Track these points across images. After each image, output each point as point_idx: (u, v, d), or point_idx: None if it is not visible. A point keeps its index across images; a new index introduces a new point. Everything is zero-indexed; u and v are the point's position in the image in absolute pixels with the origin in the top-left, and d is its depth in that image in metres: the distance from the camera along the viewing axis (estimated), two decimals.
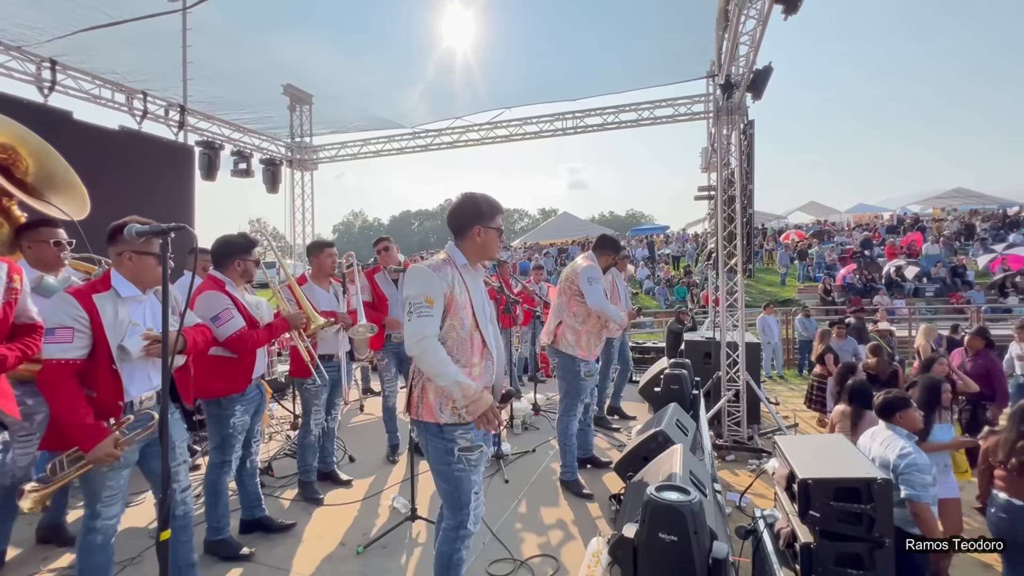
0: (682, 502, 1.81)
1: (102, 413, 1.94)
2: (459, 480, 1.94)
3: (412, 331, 1.83)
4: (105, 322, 1.92)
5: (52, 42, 5.15)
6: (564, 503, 3.40)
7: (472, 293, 1.98)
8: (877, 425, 3.06)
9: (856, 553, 2.44)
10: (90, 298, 1.93)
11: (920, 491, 2.63)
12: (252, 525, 2.98)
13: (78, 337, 1.88)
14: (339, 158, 8.71)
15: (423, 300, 1.84)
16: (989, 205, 23.40)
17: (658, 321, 14.44)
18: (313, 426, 3.41)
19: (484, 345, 2.00)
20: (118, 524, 2.08)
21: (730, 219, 5.48)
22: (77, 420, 1.84)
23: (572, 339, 3.52)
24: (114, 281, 2.01)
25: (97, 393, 1.93)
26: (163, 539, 1.43)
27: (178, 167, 6.53)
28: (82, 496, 2.05)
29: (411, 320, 1.84)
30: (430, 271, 1.90)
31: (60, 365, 1.85)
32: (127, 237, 1.54)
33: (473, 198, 2.02)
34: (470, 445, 1.93)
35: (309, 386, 3.35)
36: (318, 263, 3.52)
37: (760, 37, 4.61)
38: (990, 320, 11.92)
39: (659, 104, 7.10)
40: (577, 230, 26.79)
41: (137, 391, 2.06)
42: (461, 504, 1.96)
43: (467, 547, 2.01)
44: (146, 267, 2.04)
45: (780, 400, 7.58)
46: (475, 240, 1.99)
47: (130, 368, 2.01)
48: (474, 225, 1.98)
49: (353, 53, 6.18)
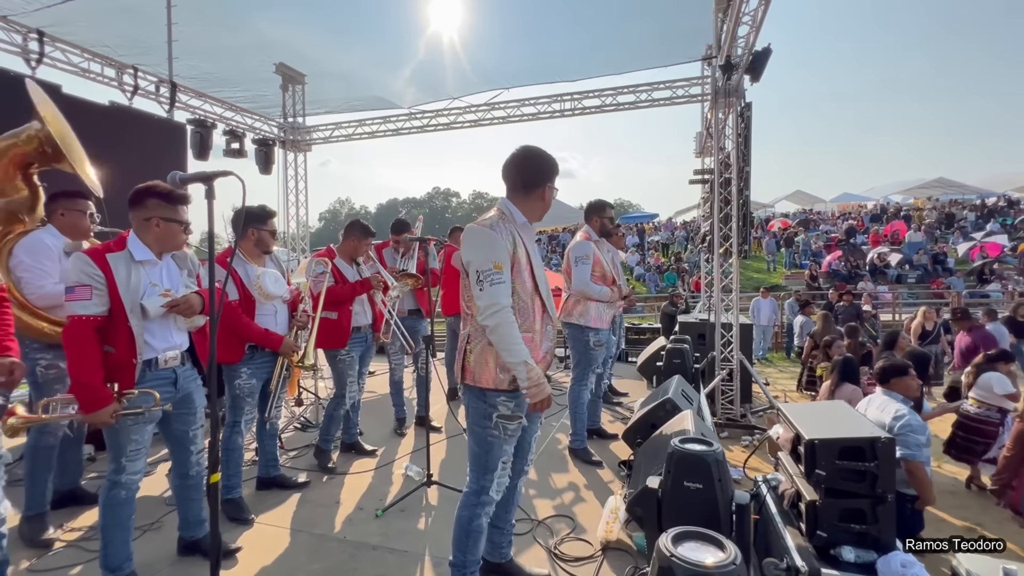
0: (707, 451, 1.89)
1: (118, 368, 1.98)
2: (491, 445, 1.90)
3: (487, 300, 1.74)
4: (119, 281, 1.96)
5: (39, 12, 4.99)
6: (575, 469, 3.48)
7: (531, 254, 1.89)
8: (852, 395, 3.20)
9: (859, 509, 2.54)
10: (104, 257, 1.97)
11: (915, 450, 2.76)
12: (268, 483, 3.11)
13: (96, 295, 1.92)
14: (333, 139, 8.60)
15: (492, 266, 1.75)
16: (968, 195, 23.98)
17: (649, 306, 14.64)
18: (348, 398, 3.42)
19: (544, 310, 1.92)
20: (140, 480, 2.12)
21: (726, 201, 5.57)
22: (86, 380, 1.89)
23: (581, 308, 3.60)
24: (130, 243, 2.04)
25: (115, 350, 1.98)
26: (213, 482, 1.45)
27: (170, 145, 6.40)
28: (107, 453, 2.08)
29: (483, 289, 1.75)
30: (493, 232, 1.79)
31: (81, 321, 1.91)
32: (170, 183, 1.54)
33: (543, 153, 1.92)
34: (510, 414, 1.88)
35: (343, 357, 3.35)
36: (352, 247, 3.44)
37: (762, 17, 4.66)
38: (970, 304, 12.30)
39: (657, 86, 7.13)
40: (567, 217, 26.80)
41: (158, 349, 2.09)
42: (487, 469, 1.92)
43: (487, 515, 1.97)
44: (172, 233, 2.08)
45: (770, 381, 7.77)
46: (542, 200, 1.92)
47: (150, 327, 2.05)
48: (545, 182, 1.90)
49: (346, 32, 6.08)
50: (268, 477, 3.12)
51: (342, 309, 3.31)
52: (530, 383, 1.75)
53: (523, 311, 1.85)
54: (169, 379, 2.13)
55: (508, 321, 1.75)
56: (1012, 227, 18.03)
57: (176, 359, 2.15)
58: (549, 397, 1.80)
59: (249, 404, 2.82)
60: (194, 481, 2.34)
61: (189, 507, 2.38)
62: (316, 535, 2.66)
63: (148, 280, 2.05)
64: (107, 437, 2.03)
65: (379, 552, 2.51)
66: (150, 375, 2.06)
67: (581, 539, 2.61)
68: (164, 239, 2.07)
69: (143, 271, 2.05)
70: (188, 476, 2.32)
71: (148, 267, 2.07)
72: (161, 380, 2.10)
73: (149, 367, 2.07)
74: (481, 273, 1.75)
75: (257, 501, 2.97)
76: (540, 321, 1.91)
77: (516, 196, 1.93)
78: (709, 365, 5.35)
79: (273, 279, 2.82)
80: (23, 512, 2.57)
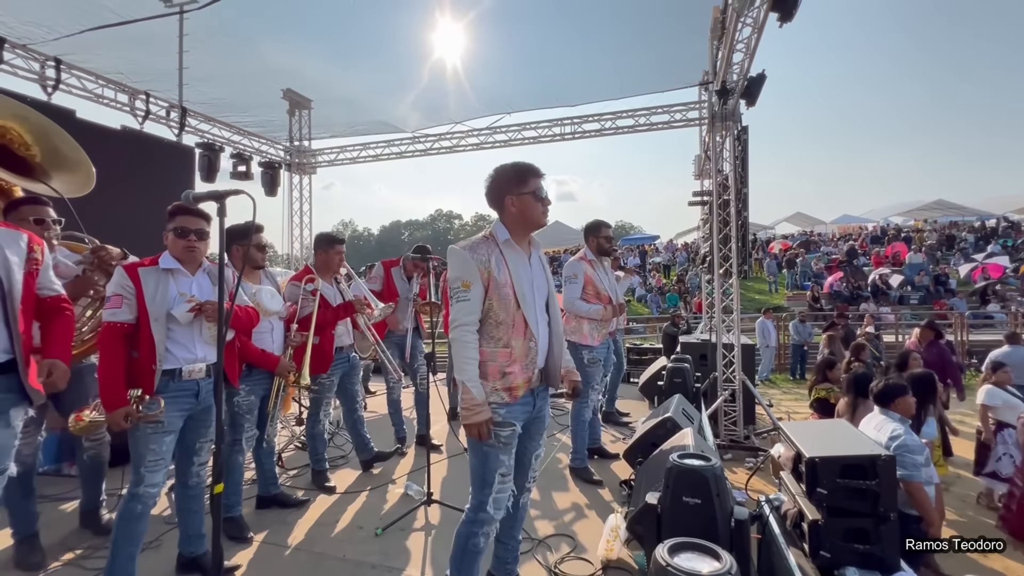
0: (704, 467, 1.89)
1: (140, 373, 2.09)
2: (486, 456, 1.89)
3: (452, 316, 1.88)
4: (146, 292, 2.10)
5: (58, 41, 5.18)
6: (575, 488, 3.46)
7: (513, 271, 1.91)
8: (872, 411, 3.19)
9: (863, 528, 2.52)
10: (136, 270, 2.13)
11: (912, 471, 2.74)
12: (268, 501, 3.11)
13: (126, 304, 2.08)
14: (338, 162, 8.77)
15: (460, 284, 1.85)
16: (968, 217, 24.08)
17: (650, 327, 14.61)
18: (322, 416, 3.44)
19: (526, 326, 1.91)
20: (158, 496, 2.15)
21: (725, 222, 5.64)
22: (107, 381, 2.03)
23: (574, 324, 3.66)
24: (162, 257, 2.20)
25: (139, 355, 2.11)
26: (217, 492, 1.47)
27: (178, 168, 6.53)
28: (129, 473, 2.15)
29: (452, 306, 1.89)
30: (465, 252, 1.88)
31: (111, 327, 2.07)
32: (183, 202, 1.61)
33: (499, 169, 1.98)
34: (502, 421, 1.87)
35: (323, 381, 3.37)
36: (326, 259, 3.40)
37: (755, 45, 4.79)
38: (972, 326, 12.27)
39: (655, 111, 7.29)
40: (568, 239, 26.96)
41: (181, 360, 2.17)
42: (485, 483, 1.90)
43: (485, 535, 1.92)
44: (175, 247, 2.20)
45: (774, 402, 7.71)
46: (510, 211, 1.93)
47: (174, 337, 2.15)
48: (505, 196, 1.93)
49: (352, 59, 6.28)
50: (268, 495, 3.12)
51: (324, 333, 3.28)
52: (465, 404, 1.82)
53: (500, 326, 1.89)
54: (191, 391, 2.20)
55: (464, 340, 1.85)
56: (1013, 248, 18.06)
57: (201, 372, 2.21)
58: (482, 425, 1.82)
59: (248, 421, 2.83)
60: (194, 492, 2.38)
61: (190, 520, 2.40)
62: (315, 554, 2.65)
63: (177, 290, 2.17)
64: (131, 447, 2.12)
65: (378, 571, 2.49)
66: (173, 385, 2.14)
67: (582, 558, 2.59)
68: (173, 248, 2.20)
69: (171, 281, 2.17)
70: (188, 486, 2.36)
71: (179, 278, 2.19)
72: (183, 392, 2.17)
73: (172, 378, 2.15)
74: (452, 290, 1.88)
75: (256, 520, 2.96)
76: (521, 338, 1.91)
77: (499, 215, 2.01)
78: (711, 385, 5.34)
79: (270, 295, 2.85)
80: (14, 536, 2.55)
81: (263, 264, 2.96)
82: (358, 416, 3.70)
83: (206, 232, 2.24)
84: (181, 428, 2.21)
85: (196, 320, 2.17)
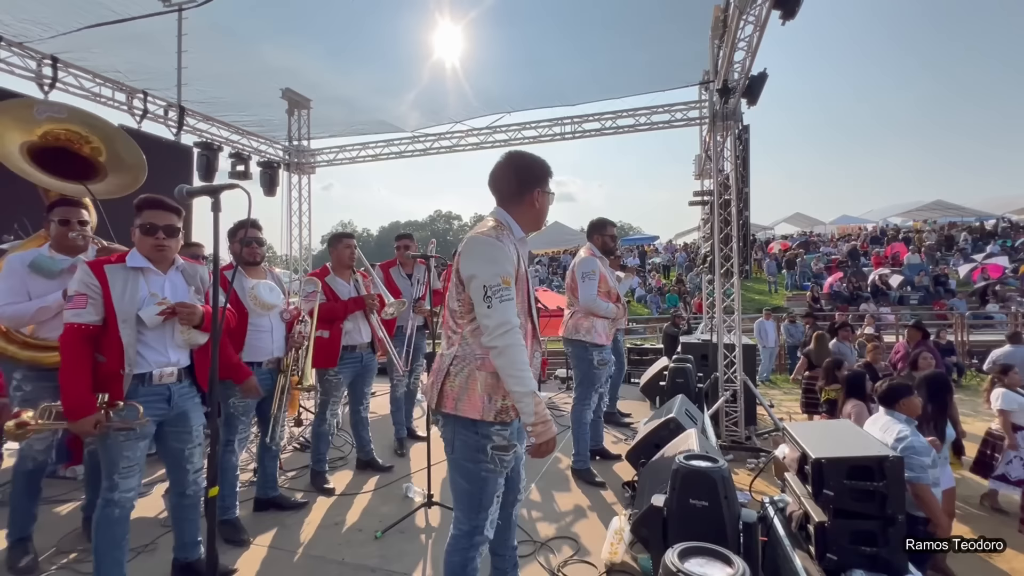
0: (712, 468, 1.86)
1: (107, 378, 1.97)
2: (485, 481, 1.67)
3: (497, 319, 1.54)
4: (114, 292, 1.97)
5: (55, 38, 5.13)
6: (577, 490, 3.42)
7: (528, 272, 1.73)
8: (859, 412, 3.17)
9: (870, 530, 2.49)
10: (102, 268, 2.00)
11: (919, 473, 2.71)
12: (266, 504, 3.06)
13: (91, 304, 1.94)
14: (337, 161, 8.73)
15: (500, 281, 1.55)
16: (967, 218, 24.08)
17: (650, 328, 14.59)
18: (329, 416, 3.40)
19: (534, 333, 1.75)
20: (135, 500, 2.08)
21: (726, 222, 5.61)
22: (71, 388, 1.89)
23: (588, 324, 3.58)
24: (129, 254, 2.07)
25: (106, 359, 1.98)
26: (212, 495, 1.43)
27: (177, 168, 6.50)
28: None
29: (492, 307, 1.55)
30: (505, 244, 1.61)
31: (74, 329, 1.93)
32: (177, 197, 1.56)
33: (530, 156, 1.74)
34: (506, 443, 1.66)
35: (331, 377, 3.34)
36: (337, 254, 3.51)
37: (757, 43, 4.77)
38: (972, 326, 12.26)
39: (655, 110, 7.26)
40: (568, 240, 26.96)
41: (152, 364, 2.05)
42: (481, 507, 1.69)
43: (480, 553, 1.75)
44: (143, 245, 2.06)
45: (775, 403, 7.68)
46: (533, 206, 1.73)
47: (144, 340, 2.03)
48: (535, 188, 1.71)
49: (352, 59, 6.23)
50: (266, 498, 3.07)
51: (333, 327, 3.30)
52: (537, 419, 1.55)
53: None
54: (163, 395, 2.09)
55: (518, 343, 1.55)
56: (1012, 249, 18.07)
57: (172, 376, 2.11)
58: (554, 439, 1.60)
59: (243, 422, 2.78)
60: (191, 500, 2.29)
61: (186, 528, 2.33)
62: (314, 557, 2.60)
63: (148, 290, 2.04)
64: (100, 453, 2.00)
65: (378, 575, 2.45)
66: (143, 390, 2.03)
67: (585, 561, 2.55)
68: (141, 246, 2.07)
69: (141, 280, 2.04)
70: (185, 495, 2.28)
71: (150, 277, 2.07)
72: (154, 396, 2.06)
73: (142, 382, 2.04)
74: (489, 288, 1.55)
75: (254, 522, 2.91)
76: (530, 346, 1.73)
77: (508, 206, 1.76)
78: (712, 386, 5.31)
79: (268, 288, 2.79)
80: (7, 537, 2.51)
81: (259, 259, 2.92)
82: (362, 418, 3.66)
83: (176, 228, 2.10)
84: (162, 437, 2.14)
85: (168, 322, 2.06)
